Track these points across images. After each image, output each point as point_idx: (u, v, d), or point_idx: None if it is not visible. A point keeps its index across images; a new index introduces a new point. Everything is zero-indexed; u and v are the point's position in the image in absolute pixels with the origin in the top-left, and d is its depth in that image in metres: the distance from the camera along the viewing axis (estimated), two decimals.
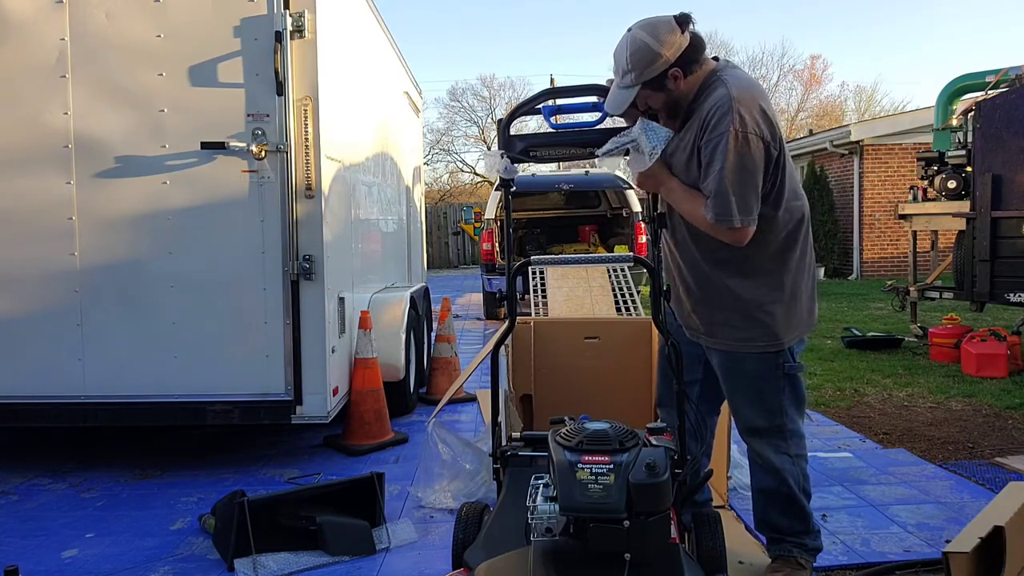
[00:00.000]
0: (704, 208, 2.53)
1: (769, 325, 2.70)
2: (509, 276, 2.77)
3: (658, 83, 2.55)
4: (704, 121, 2.52)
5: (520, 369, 4.11)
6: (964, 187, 7.66)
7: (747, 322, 2.71)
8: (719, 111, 2.49)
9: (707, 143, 2.51)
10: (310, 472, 4.49)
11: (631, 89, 2.55)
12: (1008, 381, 6.40)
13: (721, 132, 2.47)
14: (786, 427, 2.80)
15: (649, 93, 2.58)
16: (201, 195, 4.29)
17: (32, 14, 4.25)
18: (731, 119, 2.46)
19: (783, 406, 2.78)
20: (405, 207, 7.67)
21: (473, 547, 2.42)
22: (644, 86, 2.56)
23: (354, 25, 5.44)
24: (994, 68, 8.40)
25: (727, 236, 2.55)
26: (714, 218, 2.51)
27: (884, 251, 16.18)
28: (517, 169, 2.74)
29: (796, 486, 2.82)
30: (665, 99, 2.60)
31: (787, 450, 2.81)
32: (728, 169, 2.47)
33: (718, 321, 2.75)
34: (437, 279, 18.47)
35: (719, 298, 2.73)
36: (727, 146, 2.47)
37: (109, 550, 3.48)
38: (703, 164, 2.54)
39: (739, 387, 2.81)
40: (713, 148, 2.49)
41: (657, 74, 2.53)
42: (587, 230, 12.91)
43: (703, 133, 2.52)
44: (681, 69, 2.55)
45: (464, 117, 40.87)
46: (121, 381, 4.33)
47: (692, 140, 2.58)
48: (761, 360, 2.73)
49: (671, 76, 2.55)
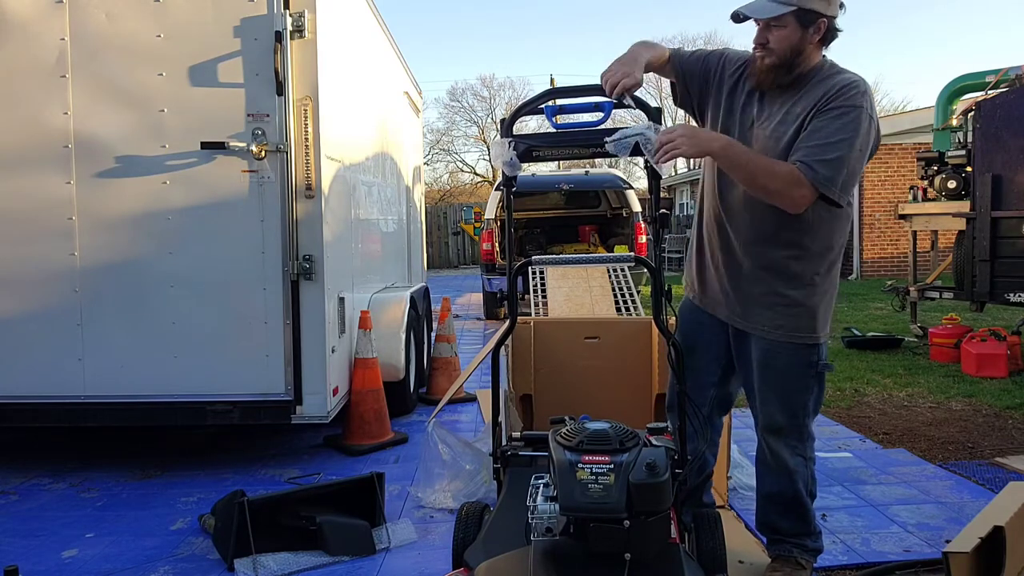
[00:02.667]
0: (791, 167, 2.46)
1: (813, 314, 2.67)
2: (510, 276, 2.77)
3: (807, 19, 2.48)
4: (832, 93, 2.50)
5: (520, 369, 4.11)
6: (964, 187, 7.66)
7: (792, 309, 2.66)
8: (854, 89, 2.49)
9: (835, 110, 2.47)
10: (310, 472, 4.49)
11: (785, 6, 2.46)
12: (1008, 381, 6.40)
13: (855, 106, 2.47)
14: (806, 428, 2.78)
15: (788, 25, 2.49)
16: (201, 195, 4.29)
17: (32, 14, 4.24)
18: (866, 101, 2.48)
19: (807, 405, 2.75)
20: (405, 207, 7.67)
21: (473, 547, 2.42)
22: (796, 13, 2.47)
23: (354, 25, 5.44)
24: (994, 68, 8.41)
25: (800, 202, 2.48)
26: (816, 179, 2.43)
27: (884, 251, 16.18)
28: (521, 166, 2.74)
29: (804, 489, 2.81)
30: (790, 44, 2.51)
31: (803, 452, 2.79)
32: (851, 143, 2.45)
33: (763, 303, 2.69)
34: (437, 279, 18.47)
35: (770, 276, 2.67)
36: (858, 122, 2.46)
37: (109, 550, 3.48)
38: (816, 129, 2.48)
39: (771, 380, 2.74)
40: (841, 117, 2.46)
41: (814, 10, 2.48)
42: (587, 230, 12.92)
43: (828, 102, 2.49)
44: (823, 34, 2.52)
45: (464, 117, 40.96)
46: (121, 381, 4.33)
47: (801, 111, 2.53)
48: (797, 354, 2.68)
49: (818, 24, 2.50)
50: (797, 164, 2.46)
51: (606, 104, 2.67)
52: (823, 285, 2.69)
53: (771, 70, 2.58)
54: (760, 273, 2.69)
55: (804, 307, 2.67)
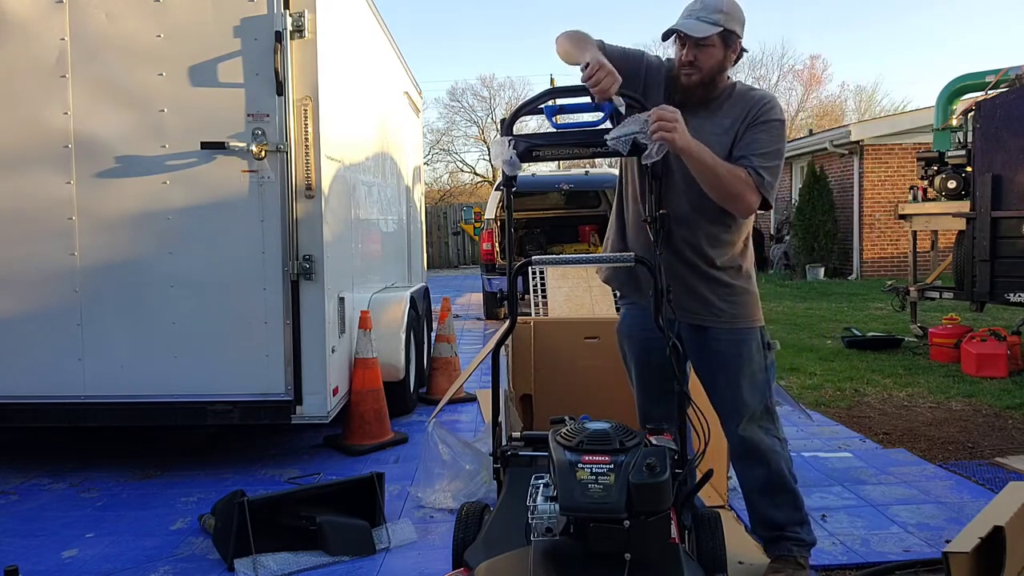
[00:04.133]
0: (743, 171, 2.67)
1: (755, 298, 2.92)
2: (510, 276, 2.76)
3: (728, 40, 2.71)
4: (758, 108, 2.75)
5: (520, 369, 4.11)
6: (964, 187, 7.66)
7: (744, 297, 2.87)
8: (772, 104, 2.79)
9: (766, 123, 2.73)
10: (310, 472, 4.49)
11: (715, 27, 2.65)
12: (1008, 381, 6.40)
13: (778, 120, 2.76)
14: (771, 407, 2.91)
15: (713, 44, 2.68)
16: (201, 195, 4.29)
17: (32, 14, 4.24)
18: (781, 113, 2.80)
19: (769, 384, 2.90)
20: (405, 207, 7.67)
21: (473, 547, 2.42)
22: (721, 34, 2.67)
23: (354, 25, 5.44)
24: (994, 68, 8.40)
25: (749, 207, 2.71)
26: (762, 184, 2.68)
27: (884, 251, 16.18)
28: (521, 165, 2.73)
29: (787, 469, 2.88)
30: (715, 61, 2.71)
31: (776, 433, 2.90)
32: (780, 153, 2.76)
33: (719, 296, 2.85)
34: (437, 279, 18.47)
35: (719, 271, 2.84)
36: (784, 135, 2.79)
37: (109, 550, 3.48)
38: (754, 140, 2.72)
39: (741, 369, 2.85)
40: (772, 130, 2.74)
41: (734, 32, 2.70)
42: (587, 230, 12.90)
43: (758, 116, 2.73)
44: (737, 53, 2.76)
45: (464, 117, 40.87)
46: (121, 381, 4.33)
47: (731, 125, 2.74)
48: (752, 338, 2.87)
49: (736, 45, 2.73)
50: (748, 170, 2.67)
51: (606, 104, 2.67)
52: (753, 273, 2.97)
53: (699, 86, 2.75)
54: (713, 273, 2.84)
55: (752, 294, 2.91)
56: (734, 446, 2.93)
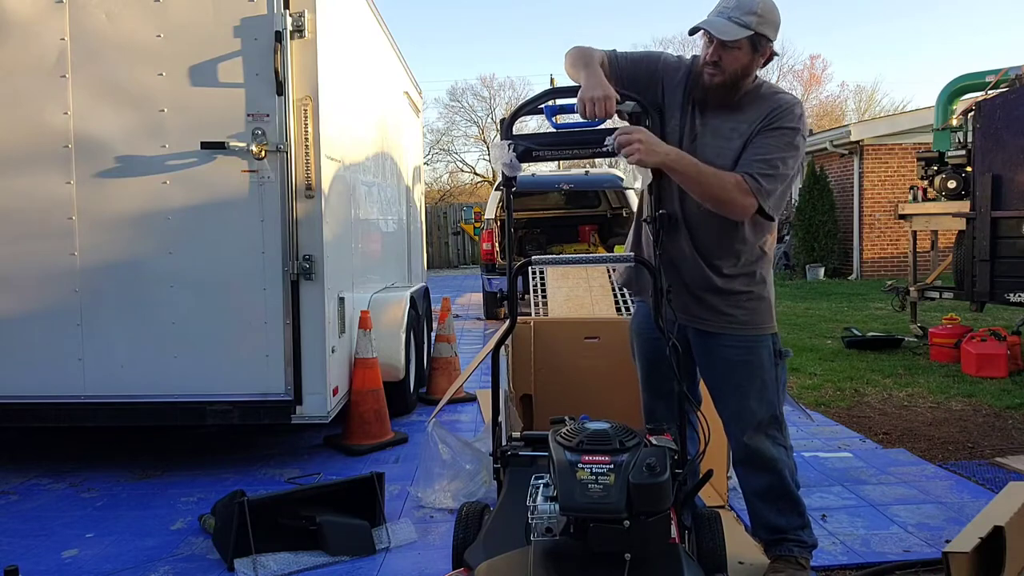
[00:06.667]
0: (738, 177, 2.59)
1: (769, 305, 2.84)
2: (510, 276, 2.76)
3: (759, 44, 2.61)
4: (775, 113, 2.66)
5: (520, 369, 4.11)
6: (964, 187, 7.65)
7: (756, 303, 2.80)
8: (794, 110, 2.67)
9: (778, 130, 2.64)
10: (310, 472, 4.49)
11: (746, 29, 2.56)
12: (1008, 381, 6.40)
13: (795, 128, 2.65)
14: (780, 416, 2.86)
15: (742, 48, 2.60)
16: (201, 195, 4.29)
17: (32, 14, 4.24)
18: (802, 124, 2.68)
19: (779, 393, 2.85)
20: (405, 207, 7.67)
21: (473, 547, 2.42)
22: (751, 38, 2.58)
23: (354, 25, 5.43)
24: (994, 68, 8.39)
25: (742, 211, 2.63)
26: (759, 190, 2.59)
27: (884, 251, 16.18)
28: (521, 167, 2.74)
29: (790, 478, 2.85)
30: (739, 65, 2.62)
31: (783, 441, 2.85)
32: (791, 162, 2.65)
33: (731, 303, 2.79)
34: (437, 279, 18.47)
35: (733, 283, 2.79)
36: (796, 144, 2.66)
37: (109, 550, 3.48)
38: (761, 145, 2.64)
39: (749, 377, 2.79)
40: (783, 137, 2.64)
41: (765, 36, 2.61)
42: (587, 230, 12.90)
43: (772, 121, 2.65)
44: (766, 58, 2.66)
45: (464, 117, 40.90)
46: (121, 381, 4.33)
47: (747, 128, 2.66)
48: (764, 345, 2.80)
49: (765, 49, 2.64)
50: (743, 175, 2.61)
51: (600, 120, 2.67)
52: (770, 280, 2.88)
53: (720, 88, 2.67)
54: (715, 277, 2.78)
55: (764, 300, 2.83)
56: (738, 452, 2.90)
